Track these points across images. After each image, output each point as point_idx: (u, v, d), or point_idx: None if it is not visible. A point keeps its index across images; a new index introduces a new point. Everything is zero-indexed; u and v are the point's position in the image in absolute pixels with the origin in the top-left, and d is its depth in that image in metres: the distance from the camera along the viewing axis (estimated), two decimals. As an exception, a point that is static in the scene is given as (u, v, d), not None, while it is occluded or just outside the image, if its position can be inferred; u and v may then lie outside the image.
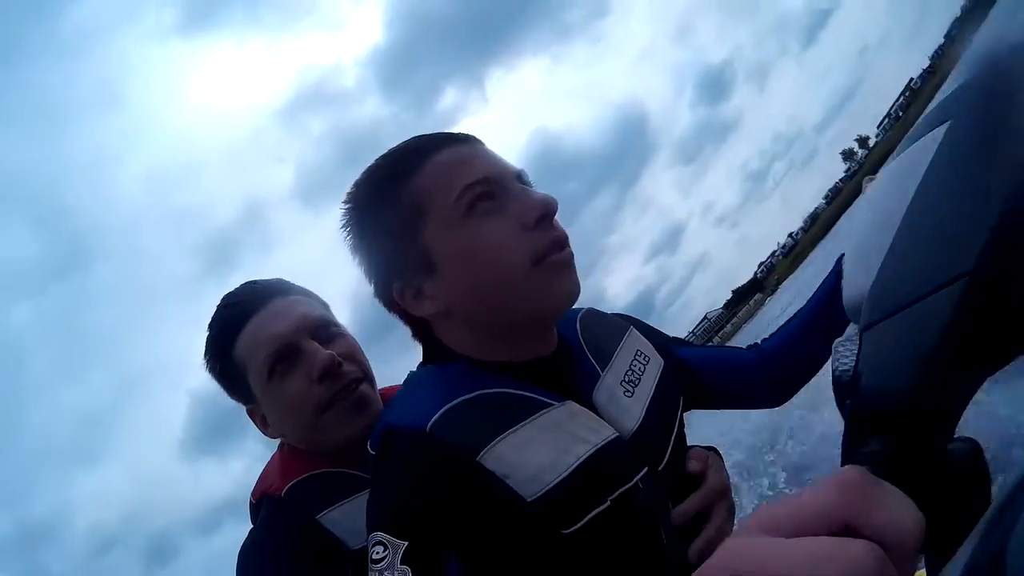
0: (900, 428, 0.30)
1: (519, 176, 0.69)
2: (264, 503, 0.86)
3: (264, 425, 0.88)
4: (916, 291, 0.34)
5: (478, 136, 0.71)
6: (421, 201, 0.65)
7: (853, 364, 0.36)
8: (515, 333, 0.67)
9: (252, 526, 0.86)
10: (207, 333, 0.89)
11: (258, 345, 0.83)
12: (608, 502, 0.60)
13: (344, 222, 0.71)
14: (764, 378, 0.88)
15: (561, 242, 0.65)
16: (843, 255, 0.82)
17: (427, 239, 0.65)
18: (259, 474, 0.92)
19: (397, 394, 0.70)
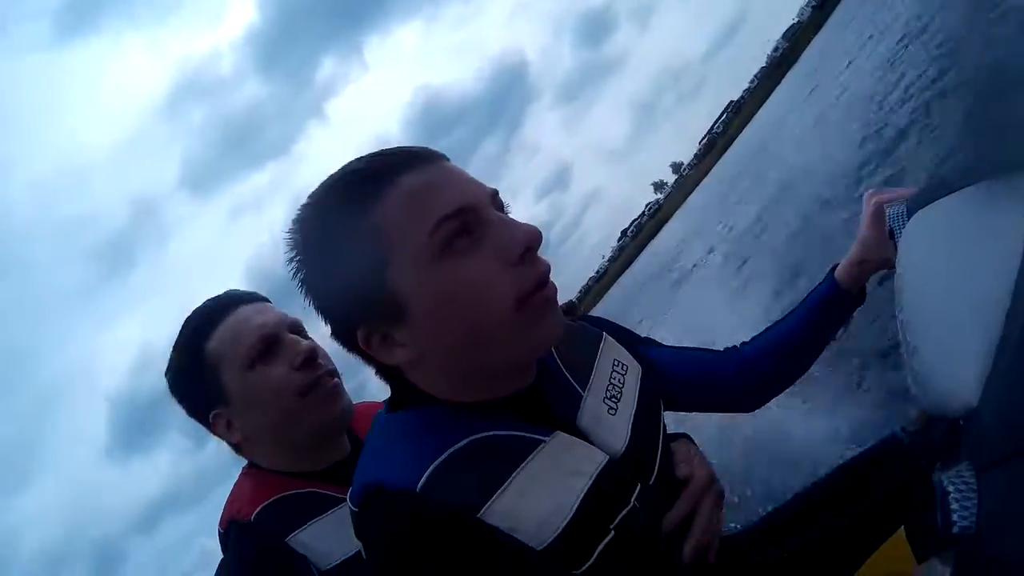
0: None
1: (493, 198, 0.62)
2: (232, 530, 0.84)
3: (229, 429, 0.88)
4: None
5: (441, 154, 0.64)
6: (386, 237, 0.57)
7: (974, 515, 0.31)
8: (495, 375, 0.63)
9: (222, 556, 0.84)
10: (178, 335, 0.90)
11: (239, 336, 0.86)
12: (612, 531, 0.59)
13: (291, 254, 0.62)
14: (741, 384, 0.88)
15: (545, 277, 0.60)
16: (836, 266, 0.87)
17: (394, 281, 0.58)
18: (225, 502, 0.90)
19: (371, 444, 0.64)
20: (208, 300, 0.93)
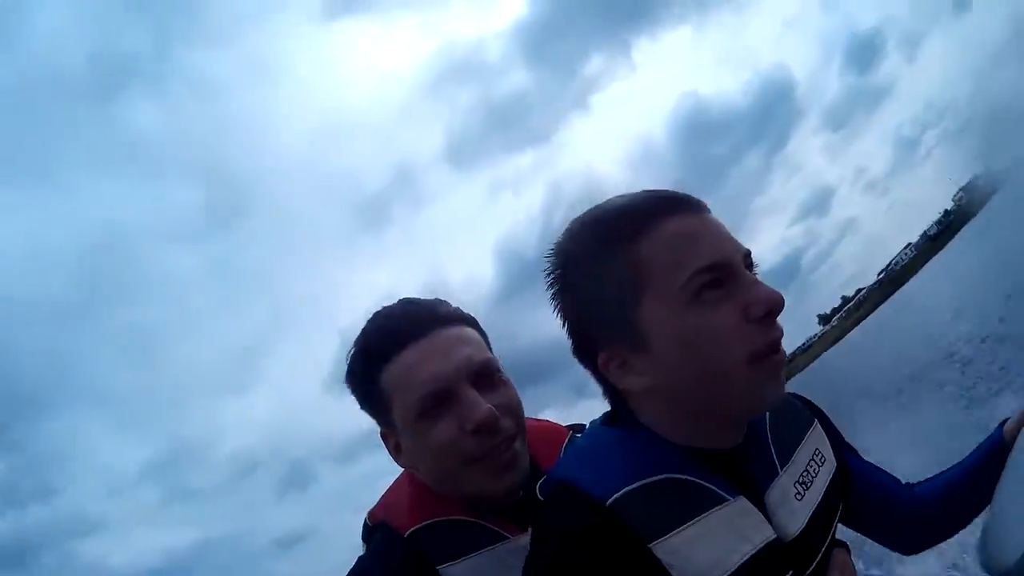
0: None
1: (745, 257, 0.65)
2: (383, 534, 0.80)
3: (397, 452, 0.84)
4: None
5: (704, 203, 0.67)
6: (643, 273, 0.62)
7: None
8: (713, 423, 0.67)
9: (364, 551, 0.81)
10: (354, 346, 0.83)
11: (412, 380, 0.77)
12: None
13: (551, 271, 0.68)
14: (911, 521, 0.85)
15: (778, 343, 0.63)
16: (1005, 422, 0.84)
17: (644, 315, 0.63)
18: (383, 493, 0.87)
19: (579, 446, 0.72)
20: (389, 316, 0.83)
